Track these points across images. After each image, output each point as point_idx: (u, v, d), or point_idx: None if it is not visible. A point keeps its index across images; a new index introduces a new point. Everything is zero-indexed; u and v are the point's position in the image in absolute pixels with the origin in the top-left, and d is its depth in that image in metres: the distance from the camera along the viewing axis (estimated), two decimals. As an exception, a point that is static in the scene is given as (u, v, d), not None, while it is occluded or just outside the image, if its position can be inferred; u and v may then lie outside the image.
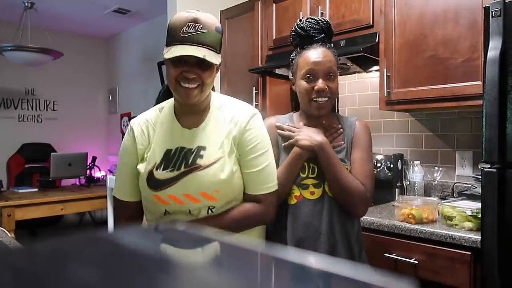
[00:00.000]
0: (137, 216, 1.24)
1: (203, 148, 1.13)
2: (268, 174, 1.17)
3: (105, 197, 3.85)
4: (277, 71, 2.63)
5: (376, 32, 2.13)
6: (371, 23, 2.16)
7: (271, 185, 1.18)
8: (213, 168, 1.11)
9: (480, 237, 1.45)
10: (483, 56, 1.50)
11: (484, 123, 1.40)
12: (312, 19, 1.34)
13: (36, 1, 4.29)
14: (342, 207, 1.27)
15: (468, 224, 1.60)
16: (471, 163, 2.15)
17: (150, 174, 1.13)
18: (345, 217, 1.27)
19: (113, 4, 4.58)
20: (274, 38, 2.65)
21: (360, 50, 2.03)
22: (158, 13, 4.56)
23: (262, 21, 2.73)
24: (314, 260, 0.37)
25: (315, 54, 1.28)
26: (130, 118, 5.47)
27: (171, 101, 1.21)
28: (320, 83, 1.25)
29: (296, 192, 1.27)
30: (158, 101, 1.28)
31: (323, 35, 1.32)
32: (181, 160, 1.13)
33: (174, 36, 1.05)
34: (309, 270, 0.36)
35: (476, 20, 1.78)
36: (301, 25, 1.33)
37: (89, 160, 4.52)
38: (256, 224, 1.20)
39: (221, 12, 3.07)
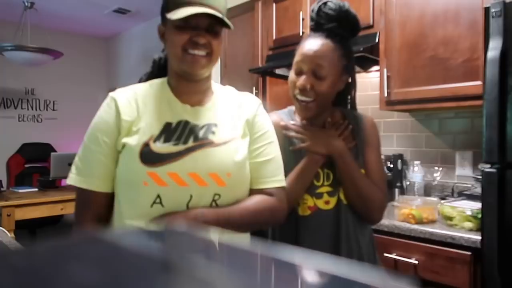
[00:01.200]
0: (105, 214, 0.99)
1: (214, 125, 0.99)
2: (277, 166, 1.03)
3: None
4: (277, 71, 2.63)
5: (376, 32, 2.13)
6: (371, 23, 2.16)
7: (280, 178, 1.03)
8: (227, 147, 0.96)
9: (480, 237, 1.45)
10: (483, 56, 1.50)
11: (484, 123, 1.40)
12: (332, 3, 1.12)
13: (36, 1, 4.29)
14: (356, 215, 1.15)
15: (468, 224, 1.60)
16: (471, 163, 2.15)
17: (145, 146, 0.92)
18: (358, 226, 1.15)
19: (113, 4, 4.58)
20: (274, 38, 2.65)
21: (360, 50, 2.03)
22: (158, 13, 4.52)
23: (262, 21, 2.73)
24: (314, 261, 0.37)
25: (308, 45, 1.11)
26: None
27: (162, 79, 1.06)
28: (302, 80, 1.09)
29: (310, 202, 1.12)
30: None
31: (334, 24, 1.11)
32: (188, 134, 0.95)
33: None
34: (308, 271, 0.36)
35: (476, 20, 1.78)
36: (315, 9, 1.14)
37: (89, 160, 4.51)
38: (268, 221, 1.03)
39: (221, 12, 3.07)
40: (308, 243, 1.12)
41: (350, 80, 1.20)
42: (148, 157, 0.91)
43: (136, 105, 0.98)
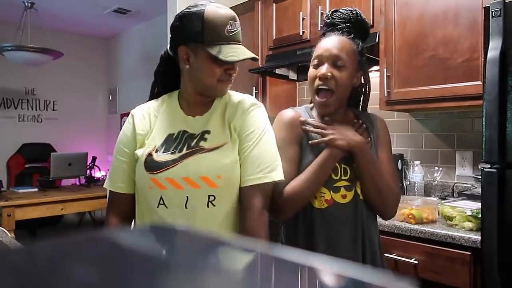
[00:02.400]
0: (129, 212, 1.17)
1: (208, 132, 1.10)
2: (256, 164, 1.06)
3: (105, 197, 3.84)
4: (277, 71, 2.63)
5: (376, 32, 2.13)
6: (371, 23, 2.15)
7: (259, 176, 1.05)
8: (217, 152, 1.07)
9: (480, 237, 1.45)
10: (483, 56, 1.50)
11: (484, 123, 1.40)
12: (343, 9, 1.23)
13: (36, 1, 4.29)
14: (371, 210, 1.18)
15: (468, 224, 1.60)
16: (471, 163, 2.15)
17: (149, 156, 1.08)
18: (372, 221, 1.19)
19: (113, 4, 4.58)
20: (274, 38, 2.65)
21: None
22: (158, 13, 4.55)
23: (262, 21, 2.73)
24: (315, 261, 0.37)
25: (327, 40, 1.18)
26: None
27: (172, 93, 1.19)
28: (323, 69, 1.14)
29: (327, 195, 1.15)
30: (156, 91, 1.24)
31: (348, 24, 1.20)
32: (183, 143, 1.09)
33: (219, 34, 1.03)
34: (309, 270, 0.36)
35: (476, 20, 1.78)
36: (329, 14, 1.25)
37: (89, 160, 4.52)
38: (262, 232, 1.06)
39: (221, 12, 3.07)
40: (324, 235, 1.15)
41: (363, 80, 1.26)
42: (151, 165, 1.07)
43: (149, 119, 1.14)
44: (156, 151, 1.08)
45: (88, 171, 4.44)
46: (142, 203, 1.12)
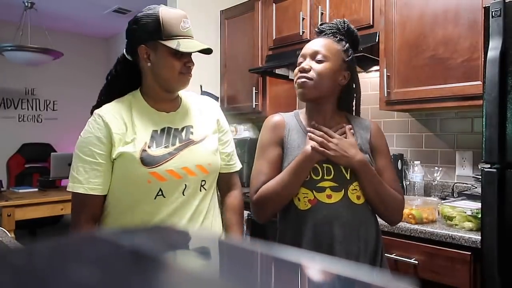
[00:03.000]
0: (99, 215, 1.18)
1: (191, 126, 1.23)
2: (234, 154, 1.37)
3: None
4: (277, 71, 2.63)
5: (376, 32, 2.13)
6: (371, 23, 2.16)
7: (238, 164, 1.38)
8: (204, 143, 1.22)
9: (480, 237, 1.45)
10: (483, 56, 1.50)
11: (484, 123, 1.40)
12: (333, 21, 1.28)
13: (36, 1, 4.29)
14: (365, 213, 1.17)
15: (468, 224, 1.60)
16: (471, 163, 2.15)
17: (143, 152, 1.11)
18: (367, 224, 1.18)
19: (113, 4, 4.58)
20: (274, 38, 2.65)
21: (360, 50, 2.02)
22: (158, 13, 4.54)
23: (262, 21, 2.73)
24: (314, 261, 0.37)
25: (311, 41, 1.23)
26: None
27: (132, 93, 1.22)
28: (303, 63, 1.19)
29: (310, 196, 1.15)
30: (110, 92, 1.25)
31: (335, 31, 1.24)
32: (173, 137, 1.18)
33: (175, 30, 1.12)
34: (309, 270, 0.36)
35: (476, 20, 1.78)
36: (318, 24, 1.30)
37: (89, 160, 4.51)
38: (243, 206, 1.37)
39: (221, 12, 3.07)
40: (309, 236, 1.14)
41: (354, 85, 1.26)
42: (148, 160, 1.11)
43: (121, 118, 1.15)
44: (149, 147, 1.14)
45: (88, 171, 4.43)
46: (136, 197, 1.14)
